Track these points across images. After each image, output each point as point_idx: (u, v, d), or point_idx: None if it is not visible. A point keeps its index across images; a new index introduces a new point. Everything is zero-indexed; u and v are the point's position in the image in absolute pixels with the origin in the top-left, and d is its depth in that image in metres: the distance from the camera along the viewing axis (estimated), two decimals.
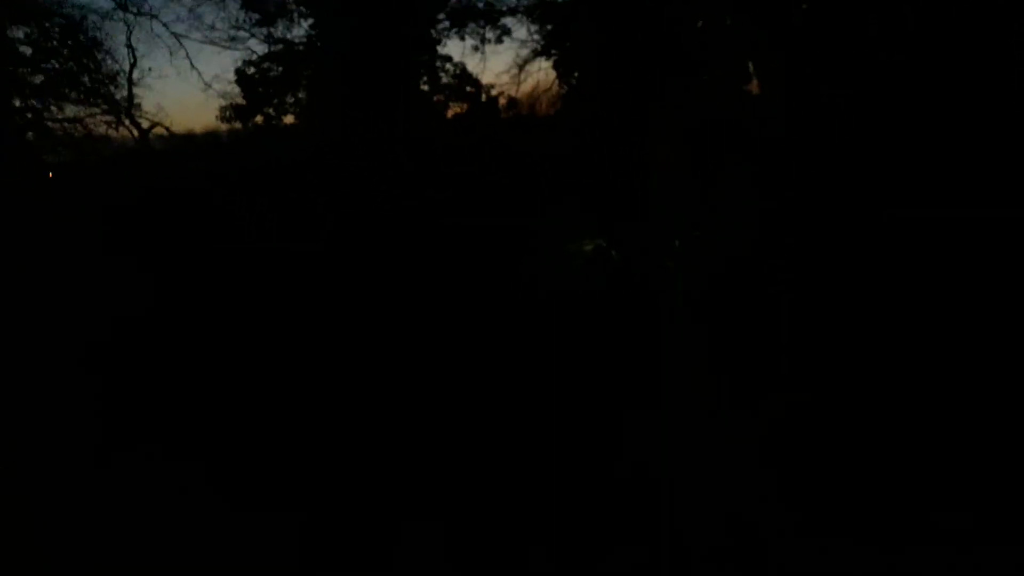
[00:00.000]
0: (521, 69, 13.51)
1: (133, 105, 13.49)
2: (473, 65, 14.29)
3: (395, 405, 7.11)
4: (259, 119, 14.37)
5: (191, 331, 8.94)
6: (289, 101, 14.40)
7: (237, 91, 14.19)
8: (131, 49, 13.50)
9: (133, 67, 13.53)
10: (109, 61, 13.47)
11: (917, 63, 9.34)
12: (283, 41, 14.28)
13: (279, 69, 14.41)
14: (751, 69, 10.61)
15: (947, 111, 9.07)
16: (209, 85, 14.00)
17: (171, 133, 13.78)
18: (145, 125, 13.66)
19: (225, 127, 14.10)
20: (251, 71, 14.33)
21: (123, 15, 13.39)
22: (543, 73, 13.68)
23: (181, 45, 13.71)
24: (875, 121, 9.40)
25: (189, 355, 8.31)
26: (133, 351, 8.47)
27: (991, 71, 9.05)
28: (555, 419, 6.80)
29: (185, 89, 13.99)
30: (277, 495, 5.86)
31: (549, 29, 12.97)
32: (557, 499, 5.56)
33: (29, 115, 13.27)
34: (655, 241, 10.23)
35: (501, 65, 17.18)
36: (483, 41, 14.05)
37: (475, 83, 14.21)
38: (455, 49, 13.74)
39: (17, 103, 13.12)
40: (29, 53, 13.10)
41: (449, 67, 14.28)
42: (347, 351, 8.45)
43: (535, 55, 13.23)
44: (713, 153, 9.56)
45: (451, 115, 14.38)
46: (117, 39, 13.67)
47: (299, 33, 14.17)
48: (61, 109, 13.19)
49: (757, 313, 8.26)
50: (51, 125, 13.41)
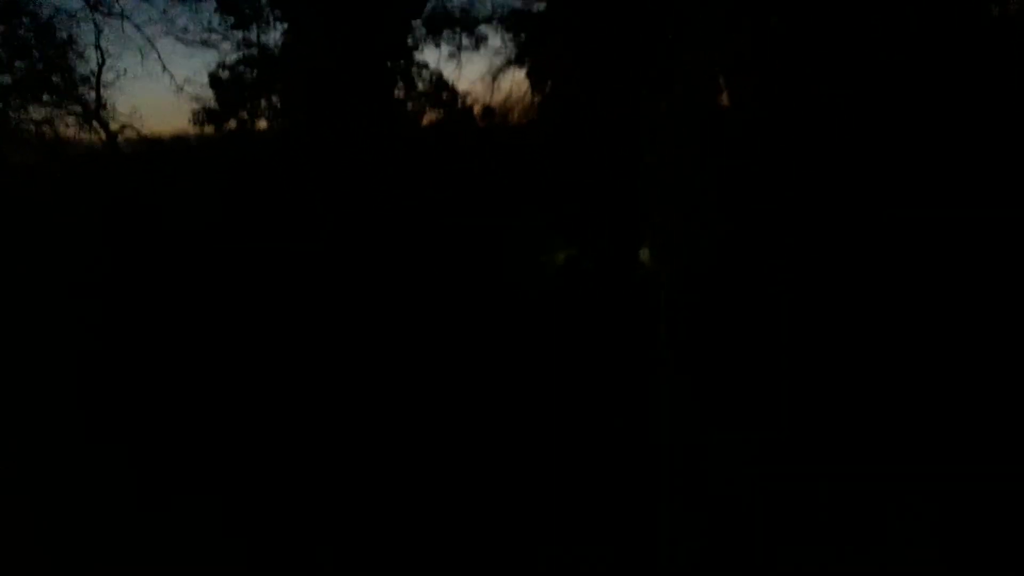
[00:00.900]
0: (495, 78, 13.56)
1: (101, 107, 13.32)
2: (449, 72, 14.29)
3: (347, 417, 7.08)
4: (232, 124, 14.25)
5: (149, 333, 8.85)
6: (263, 106, 14.31)
7: (210, 94, 14.07)
8: (100, 50, 13.31)
9: (102, 68, 13.35)
10: (79, 62, 13.29)
11: (890, 67, 9.48)
12: (258, 45, 14.19)
13: (254, 73, 14.31)
14: (721, 81, 10.71)
15: (919, 112, 9.22)
16: (181, 88, 13.80)
17: (141, 136, 13.61)
18: (115, 128, 13.48)
19: (197, 131, 13.98)
20: (225, 75, 14.21)
21: (92, 15, 13.21)
22: (517, 82, 13.73)
23: (153, 47, 13.54)
24: (848, 126, 9.52)
25: (147, 361, 8.23)
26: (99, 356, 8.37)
27: (962, 71, 9.22)
28: (524, 434, 6.80)
29: (157, 92, 13.74)
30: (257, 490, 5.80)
31: (523, 38, 13.02)
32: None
33: None
34: (626, 250, 10.28)
35: (476, 73, 17.16)
36: (459, 48, 14.06)
37: (451, 90, 14.20)
38: (431, 56, 13.75)
39: None
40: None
41: (425, 74, 14.26)
42: (312, 357, 8.40)
43: (509, 64, 13.29)
44: (684, 163, 9.63)
45: (427, 122, 14.36)
46: (85, 39, 13.48)
47: (274, 37, 14.11)
48: (28, 111, 12.99)
49: (730, 322, 8.28)
50: (20, 127, 13.20)
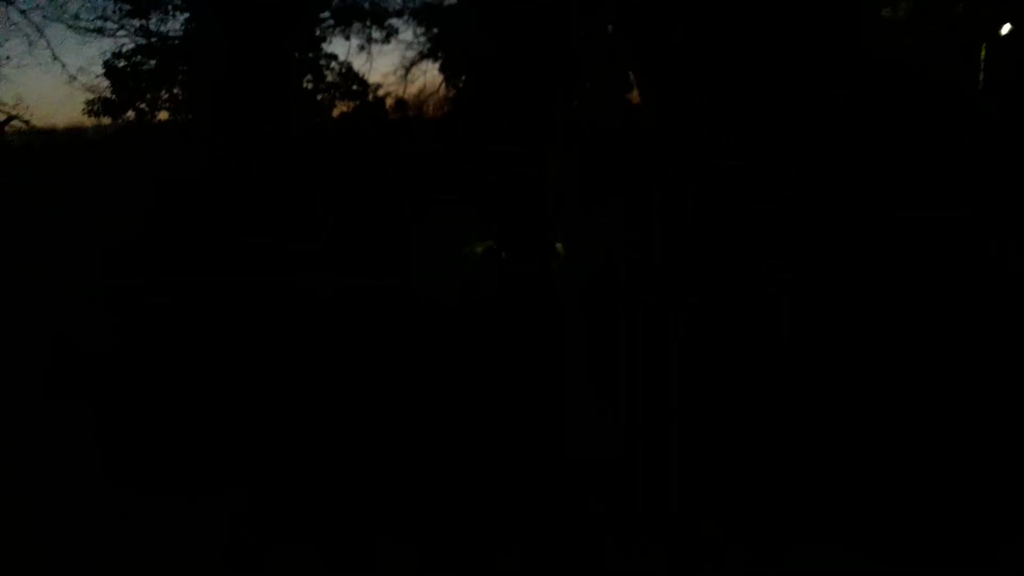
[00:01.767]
0: (408, 71, 13.46)
1: None
2: (359, 65, 14.12)
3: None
4: (131, 115, 13.63)
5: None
6: (163, 97, 13.73)
7: (106, 84, 13.43)
8: None
9: None
10: None
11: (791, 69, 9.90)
12: (158, 35, 13.59)
13: (152, 63, 13.70)
14: (631, 78, 11.00)
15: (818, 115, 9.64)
16: (75, 77, 13.16)
17: (30, 127, 12.83)
18: (0, 118, 12.66)
19: (92, 122, 13.30)
20: (122, 64, 13.54)
21: None
22: (430, 75, 13.67)
23: (42, 35, 12.80)
24: (751, 126, 9.90)
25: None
26: None
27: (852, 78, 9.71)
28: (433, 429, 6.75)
29: (48, 82, 12.97)
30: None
31: (436, 32, 12.97)
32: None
33: None
34: (540, 244, 10.44)
35: (388, 66, 16.97)
36: (369, 40, 13.86)
37: (361, 82, 14.00)
38: (340, 48, 13.52)
39: None
40: None
41: (335, 65, 14.01)
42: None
43: (422, 57, 13.21)
44: (593, 159, 9.84)
45: (337, 114, 14.13)
46: None
47: (174, 26, 13.54)
48: None
49: (637, 321, 8.34)
50: None
